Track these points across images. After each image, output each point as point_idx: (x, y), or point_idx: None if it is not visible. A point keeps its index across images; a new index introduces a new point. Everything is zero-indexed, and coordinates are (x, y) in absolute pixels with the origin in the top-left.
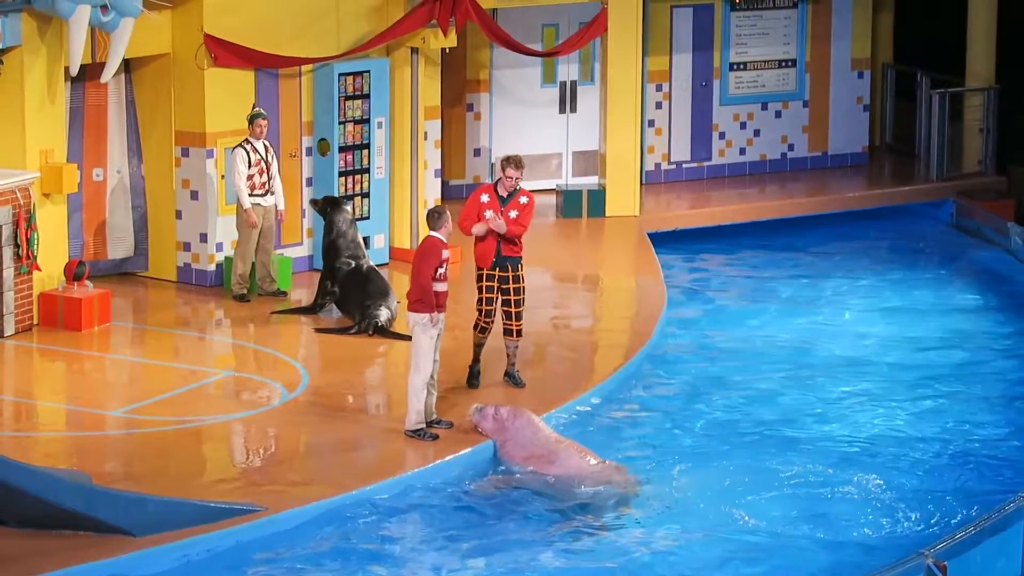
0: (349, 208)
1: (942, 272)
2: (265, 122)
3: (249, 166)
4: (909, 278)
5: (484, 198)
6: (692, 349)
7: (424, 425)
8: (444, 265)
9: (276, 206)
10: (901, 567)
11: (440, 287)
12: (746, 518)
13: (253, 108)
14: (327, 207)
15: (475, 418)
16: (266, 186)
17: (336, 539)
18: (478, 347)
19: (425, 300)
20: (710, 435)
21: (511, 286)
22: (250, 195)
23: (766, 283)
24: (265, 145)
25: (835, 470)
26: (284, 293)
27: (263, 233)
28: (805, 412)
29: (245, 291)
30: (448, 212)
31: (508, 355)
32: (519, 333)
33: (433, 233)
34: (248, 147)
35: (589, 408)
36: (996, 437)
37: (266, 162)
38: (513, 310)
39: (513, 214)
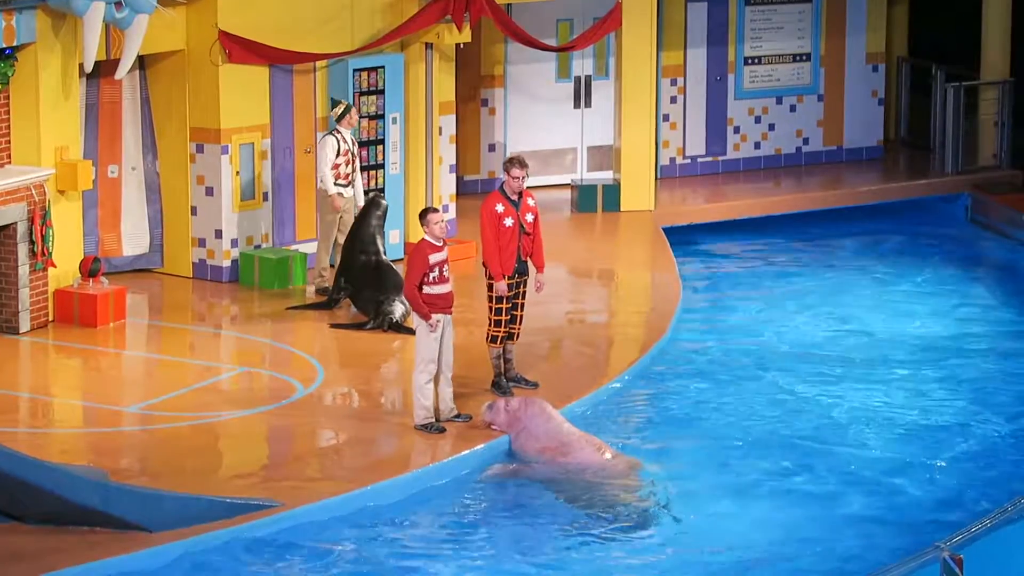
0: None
1: (958, 266)
2: (356, 112)
3: (337, 155)
4: (924, 272)
5: (499, 208)
6: (707, 344)
7: (432, 419)
8: (441, 267)
9: (355, 200)
10: (917, 560)
11: (440, 289)
12: (761, 512)
13: (336, 101)
14: (369, 203)
15: (488, 416)
16: (349, 177)
17: (352, 534)
18: (499, 359)
19: (415, 307)
20: (724, 430)
21: (522, 290)
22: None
23: (781, 277)
24: (351, 137)
25: (851, 464)
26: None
27: (339, 226)
28: (821, 407)
29: (328, 285)
30: (436, 212)
31: (509, 359)
32: (518, 335)
33: (426, 237)
34: (339, 136)
35: (604, 402)
36: (1012, 430)
37: (352, 154)
38: (520, 313)
39: (530, 218)
